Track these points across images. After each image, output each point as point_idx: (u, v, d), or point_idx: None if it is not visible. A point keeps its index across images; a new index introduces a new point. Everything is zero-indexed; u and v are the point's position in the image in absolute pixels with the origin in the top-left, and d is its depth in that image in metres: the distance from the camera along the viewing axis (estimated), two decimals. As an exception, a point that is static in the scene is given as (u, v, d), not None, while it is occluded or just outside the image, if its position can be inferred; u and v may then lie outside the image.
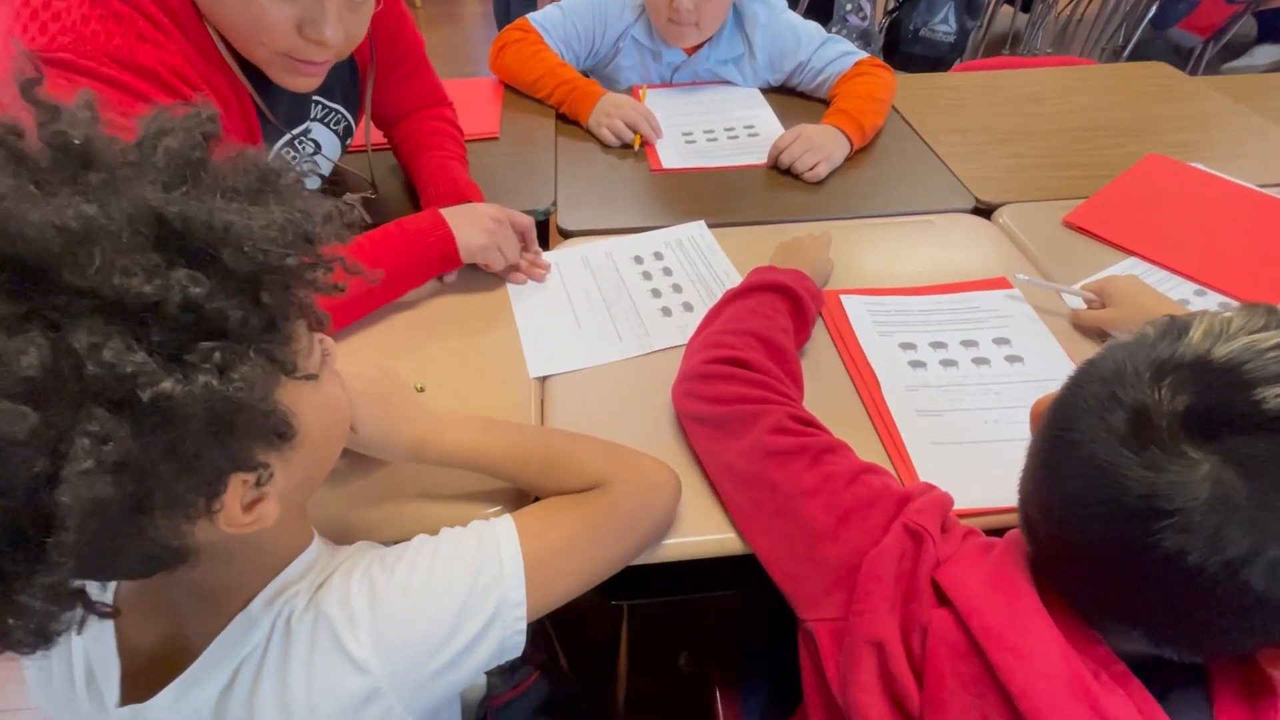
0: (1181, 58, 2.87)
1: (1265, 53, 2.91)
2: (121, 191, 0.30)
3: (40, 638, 0.31)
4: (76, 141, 0.30)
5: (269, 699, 0.40)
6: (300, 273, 0.35)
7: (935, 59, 2.52)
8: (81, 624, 0.33)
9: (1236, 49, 2.92)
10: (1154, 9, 2.89)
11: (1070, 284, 0.77)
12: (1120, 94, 1.22)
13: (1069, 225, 0.90)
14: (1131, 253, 0.85)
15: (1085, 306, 0.74)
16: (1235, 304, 0.76)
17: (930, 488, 0.51)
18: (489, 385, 0.69)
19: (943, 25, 2.45)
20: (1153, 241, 0.85)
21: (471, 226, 0.74)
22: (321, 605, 0.42)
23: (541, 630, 0.90)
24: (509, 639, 0.45)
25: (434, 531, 0.48)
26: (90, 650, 0.42)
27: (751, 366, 0.59)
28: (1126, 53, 3.01)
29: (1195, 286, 0.80)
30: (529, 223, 0.80)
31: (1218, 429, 0.31)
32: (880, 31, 2.53)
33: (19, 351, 0.26)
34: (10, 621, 0.30)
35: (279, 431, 0.35)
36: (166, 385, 0.28)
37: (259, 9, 0.59)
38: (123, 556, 0.33)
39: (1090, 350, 0.70)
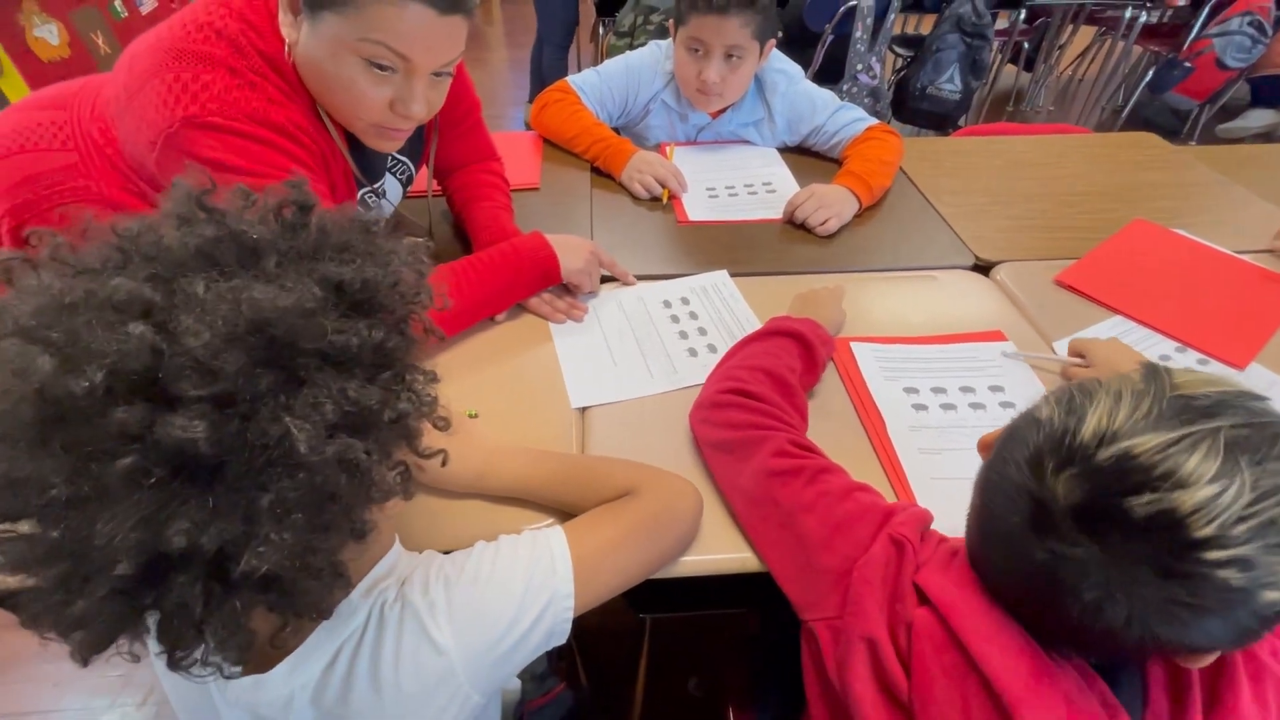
0: (1179, 118, 3.00)
1: (1259, 116, 3.04)
2: (298, 270, 0.38)
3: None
4: (254, 236, 0.39)
5: (363, 676, 0.47)
6: (423, 297, 0.44)
7: (941, 115, 2.66)
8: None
9: (1232, 112, 3.05)
10: (1151, 74, 3.04)
11: (1058, 339, 0.85)
12: (1111, 162, 1.32)
13: (1060, 283, 0.98)
14: (1117, 311, 0.93)
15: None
16: (1211, 362, 0.84)
17: (912, 504, 0.59)
18: (536, 414, 0.77)
19: (948, 84, 2.59)
20: (1137, 301, 0.94)
21: (571, 252, 0.87)
22: (408, 596, 0.49)
23: (566, 646, 0.97)
24: (558, 626, 0.52)
25: (491, 540, 0.55)
26: None
27: (759, 397, 0.67)
28: (1125, 113, 3.14)
29: (1175, 344, 0.88)
30: (610, 259, 0.93)
31: (1101, 526, 0.38)
32: (889, 89, 2.67)
33: (318, 405, 0.35)
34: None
35: (437, 424, 0.45)
36: (405, 405, 0.38)
37: (360, 91, 0.69)
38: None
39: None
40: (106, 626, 0.35)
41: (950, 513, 0.60)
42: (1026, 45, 3.22)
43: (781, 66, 1.26)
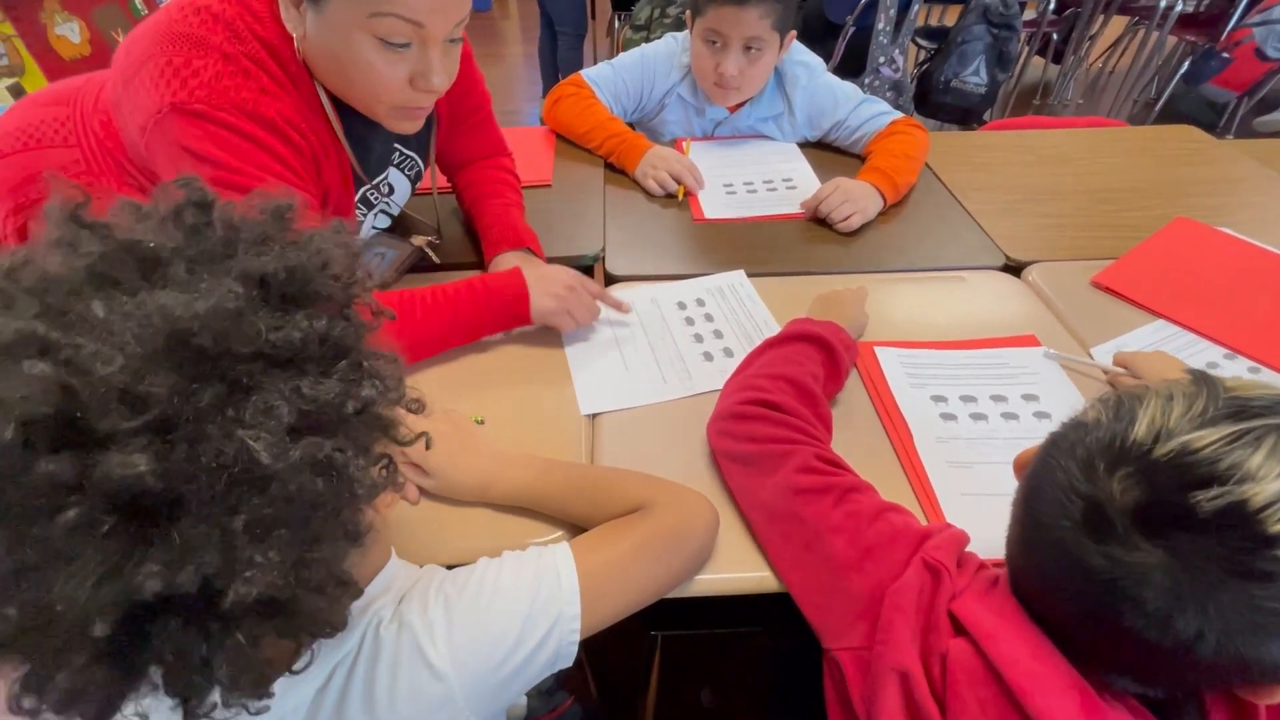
0: (1215, 112, 2.89)
1: (1300, 109, 2.92)
2: (216, 270, 0.35)
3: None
4: (150, 245, 0.35)
5: (357, 700, 0.44)
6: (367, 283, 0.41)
7: (966, 109, 2.59)
8: None
9: (1271, 104, 2.93)
10: (1186, 65, 2.93)
11: (1096, 345, 0.81)
12: (1150, 156, 1.26)
13: (1097, 285, 0.93)
14: (1159, 315, 0.88)
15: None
16: (1263, 370, 0.79)
17: (948, 526, 0.55)
18: (544, 421, 0.74)
19: (974, 77, 2.51)
20: (1180, 304, 0.88)
21: (546, 291, 0.78)
22: (405, 616, 0.46)
23: (575, 659, 0.94)
24: (564, 648, 0.49)
25: (495, 554, 0.53)
26: None
27: (782, 409, 0.63)
28: (1159, 107, 3.04)
29: (1223, 350, 0.83)
30: (600, 289, 0.85)
31: (1164, 527, 0.35)
32: (911, 82, 2.61)
33: (272, 408, 0.32)
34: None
35: (410, 406, 0.42)
36: (368, 391, 0.35)
37: (378, 73, 0.66)
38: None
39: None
40: (104, 694, 0.32)
41: (981, 532, 0.57)
42: (1055, 36, 3.13)
43: (803, 59, 1.21)
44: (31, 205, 0.80)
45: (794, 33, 1.15)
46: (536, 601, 0.49)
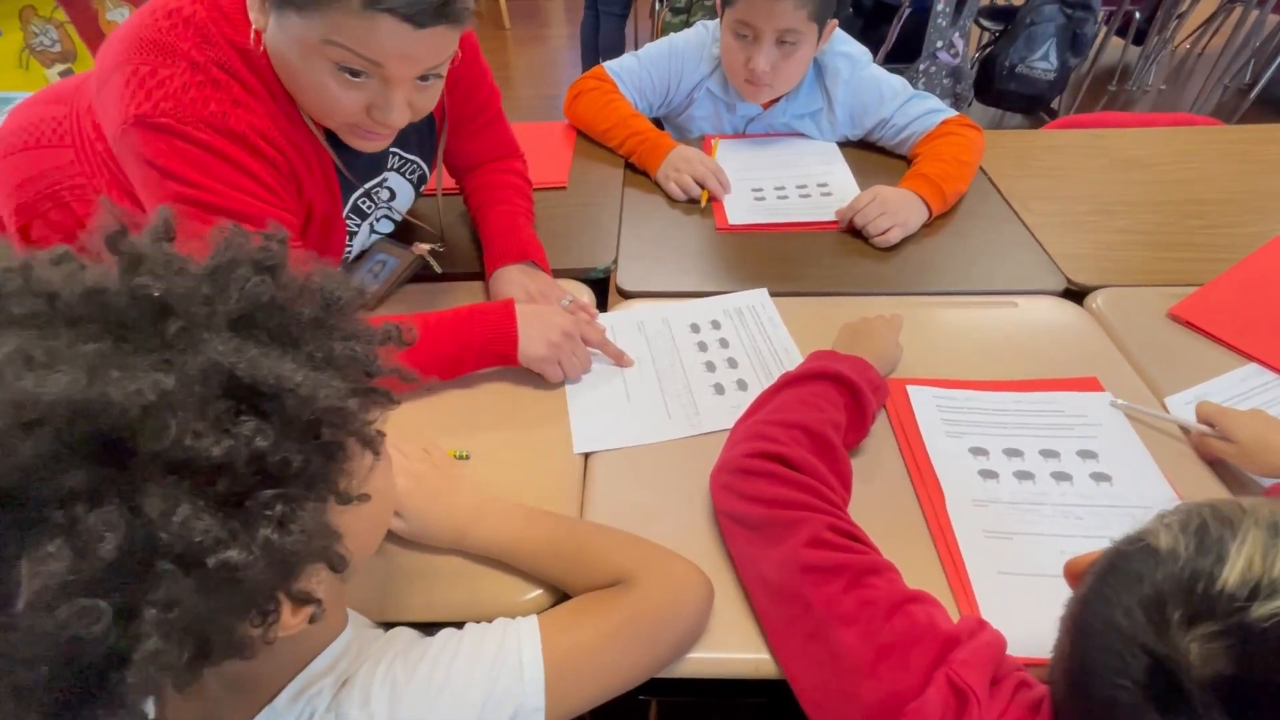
0: (1320, 100, 2.60)
1: None
2: (198, 344, 0.31)
3: None
4: (156, 294, 0.31)
5: (284, 802, 0.40)
6: (361, 411, 0.35)
7: (1031, 96, 2.39)
8: None
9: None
10: (1290, 47, 2.64)
11: (1171, 394, 0.70)
12: (1249, 162, 1.10)
13: (1174, 318, 0.81)
14: (1250, 357, 0.75)
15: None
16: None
17: (982, 626, 0.47)
18: (535, 458, 0.68)
19: (1042, 62, 2.31)
20: (1279, 346, 0.76)
21: (538, 335, 0.72)
22: (342, 707, 0.42)
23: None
24: None
25: (471, 615, 0.48)
26: None
27: (796, 465, 0.56)
28: (1254, 94, 2.75)
29: (1328, 404, 0.71)
30: (601, 338, 0.78)
31: (1254, 710, 0.27)
32: (973, 67, 2.42)
33: (97, 539, 0.26)
34: None
35: (333, 565, 0.36)
36: (232, 554, 0.29)
37: (332, 95, 0.61)
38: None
39: (1197, 476, 0.63)
40: None
41: (1020, 621, 0.49)
42: (1138, 15, 2.85)
43: (845, 49, 1.10)
44: (30, 206, 0.78)
45: (834, 21, 1.04)
46: (494, 693, 0.43)
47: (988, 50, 2.45)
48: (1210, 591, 0.29)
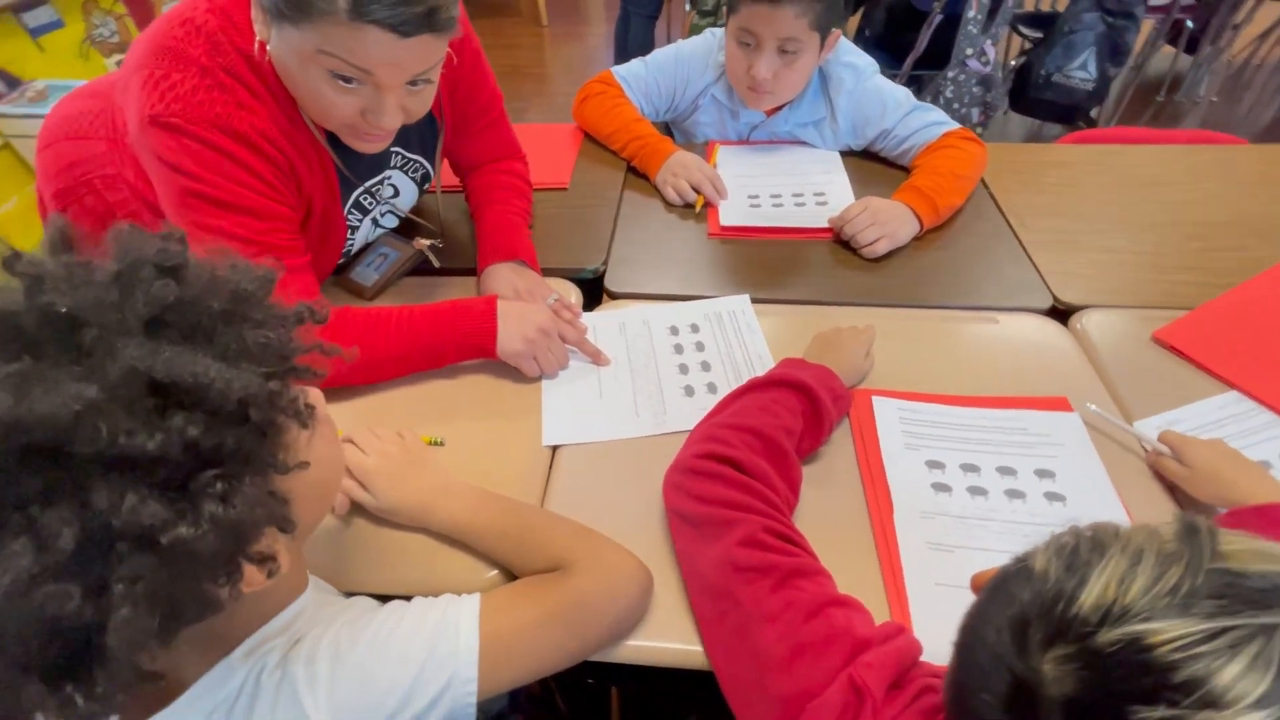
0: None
1: None
2: (114, 351, 0.33)
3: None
4: (63, 310, 0.33)
5: (229, 748, 0.44)
6: (283, 391, 0.39)
7: (1068, 107, 2.32)
8: None
9: None
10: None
11: (1142, 418, 0.69)
12: (1266, 183, 1.07)
13: (1159, 342, 0.80)
14: (1232, 385, 0.74)
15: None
16: None
17: (898, 631, 0.49)
18: (505, 447, 0.72)
19: (1080, 71, 2.24)
20: (1262, 375, 0.74)
21: (516, 332, 0.76)
22: (290, 665, 0.45)
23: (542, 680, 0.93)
24: (459, 710, 0.47)
25: (430, 590, 0.52)
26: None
27: (744, 468, 0.58)
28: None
29: (1307, 436, 0.69)
30: (579, 336, 0.81)
31: None
32: (1009, 75, 2.36)
33: (55, 535, 0.31)
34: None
35: (282, 526, 0.39)
36: (182, 530, 0.33)
37: (328, 100, 0.65)
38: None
39: (1154, 501, 0.63)
40: None
41: (950, 631, 0.50)
42: (1190, 24, 2.74)
43: (850, 60, 1.11)
44: (68, 193, 0.85)
45: (838, 32, 1.05)
46: (430, 661, 0.47)
47: (1024, 58, 2.39)
48: (1067, 614, 0.30)
